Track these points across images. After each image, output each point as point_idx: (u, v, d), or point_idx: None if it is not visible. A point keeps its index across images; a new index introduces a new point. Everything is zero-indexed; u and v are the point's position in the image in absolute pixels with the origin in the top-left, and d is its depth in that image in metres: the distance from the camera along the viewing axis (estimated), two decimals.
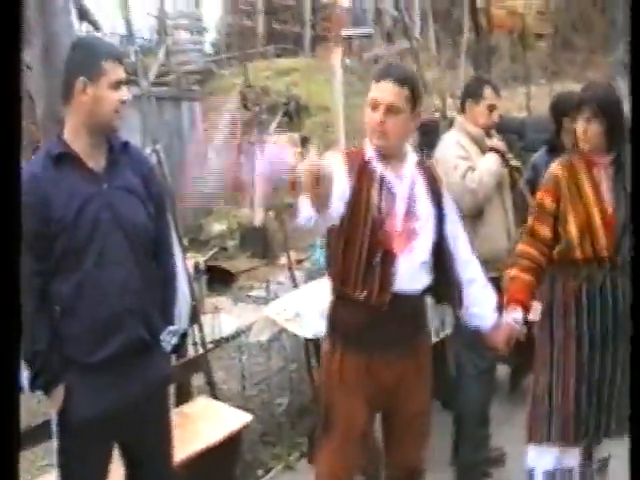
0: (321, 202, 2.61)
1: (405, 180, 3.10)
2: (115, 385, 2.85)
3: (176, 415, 4.04)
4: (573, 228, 3.54)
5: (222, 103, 13.37)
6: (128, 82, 2.89)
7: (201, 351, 4.68)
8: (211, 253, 10.84)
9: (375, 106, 3.03)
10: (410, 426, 3.21)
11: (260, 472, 4.73)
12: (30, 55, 3.94)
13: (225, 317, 6.92)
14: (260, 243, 11.09)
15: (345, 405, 3.08)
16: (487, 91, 4.43)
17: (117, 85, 2.82)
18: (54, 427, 2.86)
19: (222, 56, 17.12)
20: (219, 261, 10.45)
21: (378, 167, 3.07)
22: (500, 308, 3.45)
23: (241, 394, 5.56)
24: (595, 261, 3.55)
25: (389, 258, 3.01)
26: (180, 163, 11.26)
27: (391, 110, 3.00)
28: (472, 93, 4.48)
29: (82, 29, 12.59)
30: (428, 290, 3.19)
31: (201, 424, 4.22)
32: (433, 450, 4.61)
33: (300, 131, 13.76)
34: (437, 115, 9.87)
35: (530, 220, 3.72)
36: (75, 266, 2.78)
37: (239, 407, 4.68)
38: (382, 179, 3.05)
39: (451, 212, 3.28)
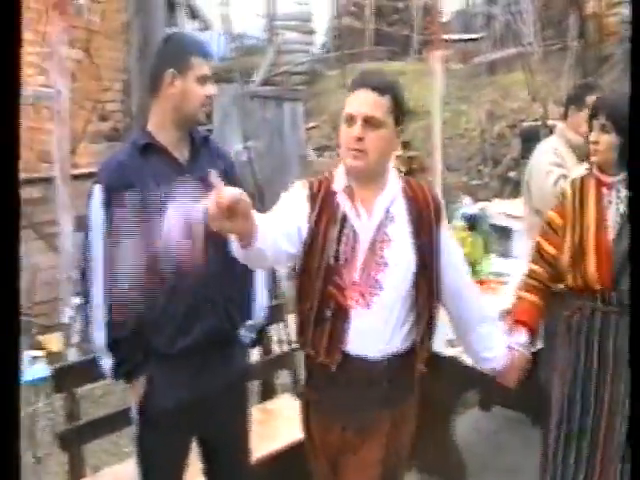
0: (242, 238, 2.24)
1: (375, 216, 2.62)
2: (194, 377, 2.87)
3: (258, 411, 4.06)
4: (567, 251, 3.20)
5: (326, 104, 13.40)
6: (218, 79, 2.91)
7: (286, 349, 4.68)
8: None
9: (351, 120, 2.55)
10: None
11: None
12: (128, 53, 4.02)
13: None
14: None
15: (313, 457, 2.85)
16: (591, 99, 4.29)
17: (204, 80, 2.84)
18: (134, 416, 2.90)
19: (330, 54, 17.13)
20: None
21: (343, 201, 2.62)
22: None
23: None
24: (587, 292, 3.16)
25: (341, 313, 2.58)
26: (279, 161, 11.35)
27: (370, 123, 2.53)
28: (576, 99, 4.36)
29: (193, 27, 12.86)
30: (407, 355, 2.69)
31: (283, 422, 4.19)
32: (525, 468, 4.52)
33: (402, 135, 13.71)
34: (539, 123, 9.72)
35: (538, 237, 3.41)
36: None
37: None
38: (344, 217, 2.60)
39: (449, 249, 2.78)
